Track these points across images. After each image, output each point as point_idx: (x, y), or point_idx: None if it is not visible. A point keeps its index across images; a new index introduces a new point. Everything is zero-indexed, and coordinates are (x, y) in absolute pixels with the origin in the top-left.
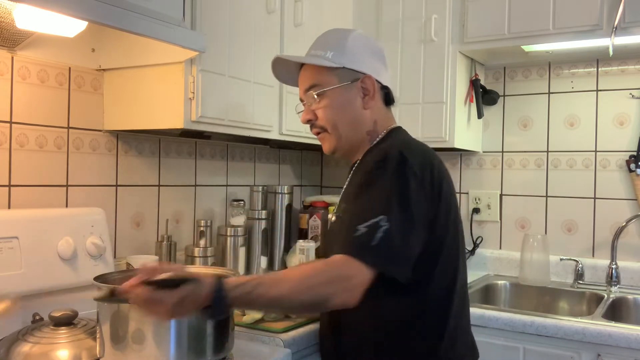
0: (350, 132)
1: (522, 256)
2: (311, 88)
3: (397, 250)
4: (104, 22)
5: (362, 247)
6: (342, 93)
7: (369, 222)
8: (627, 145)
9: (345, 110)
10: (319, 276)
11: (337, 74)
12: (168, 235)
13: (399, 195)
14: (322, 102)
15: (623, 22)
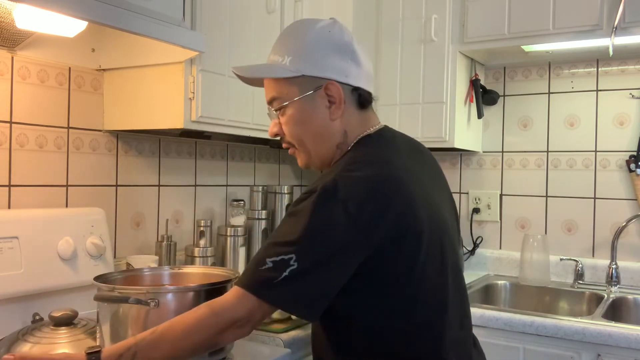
0: (318, 146)
1: (522, 256)
2: (273, 101)
3: (302, 291)
4: (104, 22)
5: (264, 284)
6: (305, 105)
7: (278, 258)
8: (627, 145)
9: (311, 124)
10: (207, 329)
11: (297, 83)
12: (168, 235)
13: (317, 232)
14: (285, 117)
15: (623, 22)
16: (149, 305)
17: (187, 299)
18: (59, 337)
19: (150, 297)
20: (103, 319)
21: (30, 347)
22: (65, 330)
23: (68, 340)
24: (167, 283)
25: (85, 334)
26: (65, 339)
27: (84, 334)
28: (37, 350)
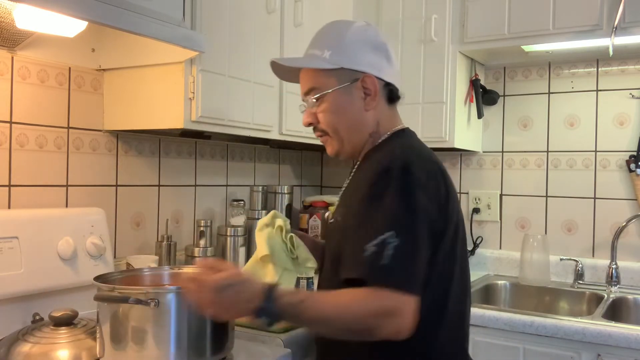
0: (352, 135)
1: (522, 256)
2: (310, 91)
3: (411, 267)
4: (104, 22)
5: (378, 269)
6: (342, 95)
7: (377, 240)
8: (627, 145)
9: (346, 113)
10: (366, 305)
11: (335, 75)
12: (168, 235)
13: (408, 209)
14: (322, 106)
15: (623, 22)
16: (149, 305)
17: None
18: (59, 337)
19: (150, 297)
20: (103, 319)
21: (30, 347)
22: (65, 330)
23: (68, 340)
24: (167, 283)
25: (85, 334)
26: (65, 339)
27: (84, 334)
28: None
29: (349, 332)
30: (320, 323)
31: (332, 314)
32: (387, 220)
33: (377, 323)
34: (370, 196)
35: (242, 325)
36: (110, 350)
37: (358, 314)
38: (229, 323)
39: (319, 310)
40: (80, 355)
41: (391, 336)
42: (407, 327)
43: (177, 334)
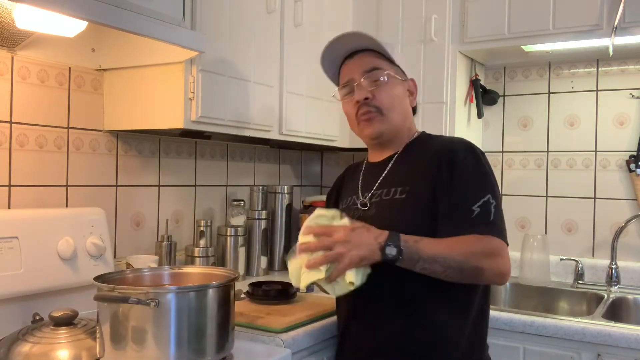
0: (400, 120)
1: (522, 256)
2: (374, 70)
3: (504, 223)
4: (104, 22)
5: (485, 223)
6: (399, 85)
7: (480, 202)
8: (627, 145)
9: (401, 100)
10: (475, 247)
11: (394, 69)
12: (168, 235)
13: (491, 177)
14: (384, 86)
15: (623, 22)
16: (149, 305)
17: (187, 299)
18: (59, 337)
19: (150, 297)
20: (103, 319)
21: (30, 347)
22: (65, 330)
23: (68, 340)
24: (167, 283)
25: (85, 334)
26: (65, 339)
27: (84, 334)
28: None
29: (459, 271)
30: (436, 259)
31: (447, 251)
32: (485, 185)
33: (487, 262)
34: (466, 168)
35: (242, 325)
36: (110, 350)
37: (469, 252)
38: (229, 323)
39: (435, 247)
40: (80, 355)
41: (496, 277)
42: (509, 270)
43: (177, 334)
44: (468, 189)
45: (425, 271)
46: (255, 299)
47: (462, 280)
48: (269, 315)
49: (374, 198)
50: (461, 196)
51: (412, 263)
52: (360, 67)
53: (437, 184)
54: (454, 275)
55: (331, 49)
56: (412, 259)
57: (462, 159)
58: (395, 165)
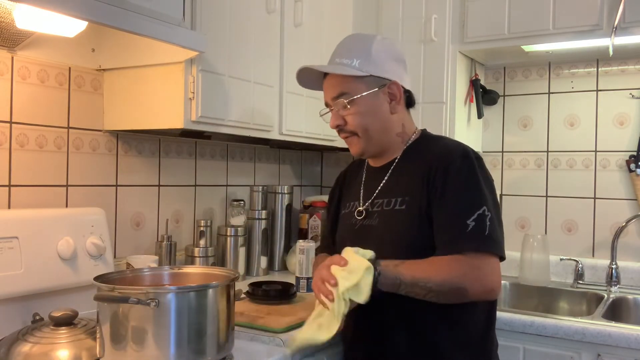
0: (381, 135)
1: (522, 256)
2: (340, 96)
3: (501, 236)
4: (104, 22)
5: (479, 239)
6: (371, 100)
7: (475, 216)
8: (627, 145)
9: (375, 116)
10: (456, 267)
11: (364, 81)
12: (168, 235)
13: (488, 186)
14: (352, 109)
15: (623, 22)
16: (149, 305)
17: (187, 299)
18: (59, 337)
19: (150, 297)
20: (103, 319)
21: (30, 347)
22: (65, 330)
23: (68, 340)
24: (167, 283)
25: (85, 334)
26: (65, 339)
27: (84, 334)
28: None
29: (442, 293)
30: (417, 283)
31: (428, 274)
32: (479, 197)
33: (469, 281)
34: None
35: (242, 325)
36: (110, 350)
37: (450, 273)
38: (229, 323)
39: (415, 272)
40: (80, 355)
41: (482, 295)
42: (496, 285)
43: (177, 334)
44: (462, 202)
45: (409, 294)
46: (255, 299)
47: (448, 301)
48: (269, 315)
49: (375, 207)
50: (455, 210)
51: (394, 287)
52: (329, 92)
53: (432, 196)
54: (438, 297)
55: (300, 78)
56: (392, 284)
57: (456, 169)
58: (395, 173)
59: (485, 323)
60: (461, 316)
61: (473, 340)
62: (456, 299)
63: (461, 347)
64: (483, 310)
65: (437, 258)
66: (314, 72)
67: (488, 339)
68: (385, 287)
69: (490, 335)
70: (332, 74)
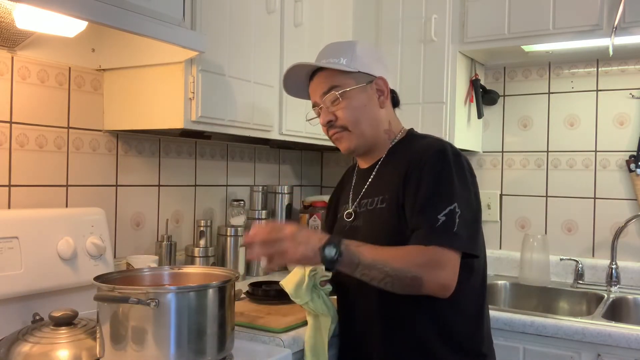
0: (371, 130)
1: (522, 256)
2: (331, 89)
3: (471, 232)
4: (104, 22)
5: (446, 235)
6: (361, 93)
7: (446, 211)
8: (627, 145)
9: (365, 109)
10: (416, 257)
11: (353, 77)
12: (168, 235)
13: (463, 183)
14: (343, 103)
15: (623, 22)
16: (149, 305)
17: (187, 299)
18: (59, 337)
19: (150, 297)
20: (103, 319)
21: (30, 347)
22: (65, 330)
23: (68, 340)
24: (167, 283)
25: (85, 334)
26: (65, 339)
27: (84, 334)
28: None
29: (398, 279)
30: (375, 266)
31: (387, 259)
32: (451, 193)
33: (427, 273)
34: (432, 175)
35: (242, 325)
36: (110, 350)
37: (410, 261)
38: (229, 323)
39: (376, 255)
40: (80, 355)
41: (437, 289)
42: (452, 283)
43: (177, 334)
44: (434, 196)
45: (364, 277)
46: (255, 299)
47: (402, 290)
48: (269, 315)
49: (361, 208)
50: (427, 204)
51: (352, 267)
52: (318, 89)
53: (407, 191)
54: (393, 283)
55: (289, 80)
56: (351, 262)
57: (431, 165)
58: (378, 173)
59: (475, 320)
60: (450, 314)
61: (462, 337)
62: (411, 288)
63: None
64: (472, 308)
65: (401, 247)
66: (300, 76)
67: (478, 336)
68: (344, 266)
69: (481, 332)
70: (321, 73)
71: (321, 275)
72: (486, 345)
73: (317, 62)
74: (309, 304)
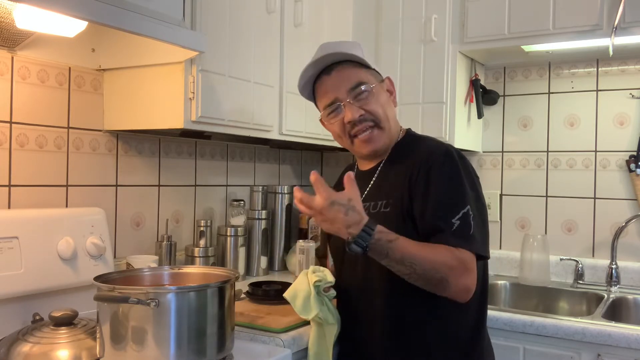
0: (394, 128)
1: (522, 256)
2: (359, 85)
3: (484, 234)
4: (104, 22)
5: (464, 238)
6: (382, 90)
7: (460, 214)
8: (627, 145)
9: (389, 106)
10: (446, 259)
11: (372, 74)
12: (168, 235)
13: (472, 185)
14: (372, 98)
15: (623, 22)
16: (149, 305)
17: (187, 299)
18: (59, 337)
19: (150, 297)
20: (103, 319)
21: (30, 347)
22: (65, 330)
23: (68, 340)
24: (167, 283)
25: (85, 334)
26: (65, 339)
27: (84, 334)
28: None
29: (425, 279)
30: (404, 263)
31: (417, 257)
32: (463, 196)
33: (454, 276)
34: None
35: (242, 325)
36: (110, 350)
37: (439, 262)
38: (229, 323)
39: (405, 252)
40: (80, 355)
41: (461, 293)
42: (474, 287)
43: (177, 334)
44: (447, 201)
45: (391, 268)
46: (255, 299)
47: (426, 287)
48: (269, 315)
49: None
50: (440, 209)
51: (380, 258)
52: (342, 85)
53: (415, 196)
54: (417, 280)
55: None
56: (379, 254)
57: (439, 169)
58: (381, 175)
59: (476, 322)
60: (455, 318)
61: (462, 338)
62: (435, 288)
63: (455, 348)
64: (475, 309)
65: (433, 245)
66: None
67: (478, 337)
68: (373, 254)
69: (481, 333)
70: (344, 67)
71: (325, 282)
72: (487, 346)
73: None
74: (319, 314)
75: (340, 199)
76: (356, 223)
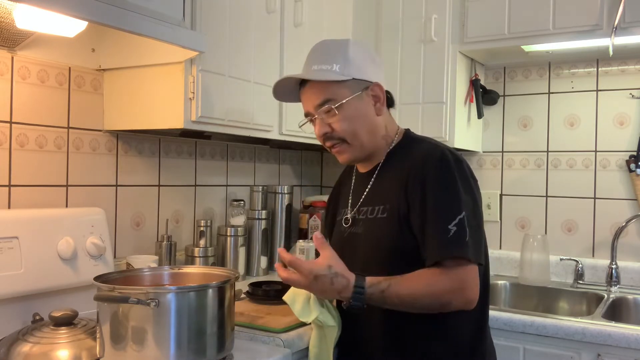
0: (369, 139)
1: (522, 256)
2: (325, 103)
3: (480, 240)
4: (104, 22)
5: (460, 245)
6: (356, 103)
7: (456, 220)
8: (627, 145)
9: (362, 120)
10: (442, 285)
11: (347, 85)
12: (168, 235)
13: (468, 190)
14: (339, 115)
15: (623, 22)
16: (149, 305)
17: (187, 299)
18: (59, 337)
19: (150, 297)
20: (103, 319)
21: (30, 347)
22: (65, 330)
23: (68, 340)
24: (167, 283)
25: (85, 334)
26: (65, 339)
27: (84, 334)
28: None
29: (429, 309)
30: (404, 304)
31: (415, 294)
32: (459, 202)
33: (454, 296)
34: (438, 185)
35: (242, 325)
36: (110, 350)
37: (438, 291)
38: (229, 323)
39: (402, 293)
40: (80, 355)
41: (463, 306)
42: (476, 296)
43: (177, 334)
44: (443, 207)
45: (394, 309)
46: (255, 299)
47: (432, 312)
48: (269, 315)
49: (361, 215)
50: (436, 215)
51: (381, 305)
52: (311, 100)
53: (411, 202)
54: (422, 310)
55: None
56: (378, 304)
57: (434, 175)
58: (378, 179)
59: (478, 322)
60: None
61: (464, 338)
62: (441, 310)
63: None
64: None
65: (423, 273)
66: (289, 82)
67: (480, 337)
68: (373, 304)
69: (483, 333)
70: (312, 84)
71: None
72: (489, 347)
73: (308, 67)
74: (319, 317)
75: (321, 270)
76: (345, 287)
